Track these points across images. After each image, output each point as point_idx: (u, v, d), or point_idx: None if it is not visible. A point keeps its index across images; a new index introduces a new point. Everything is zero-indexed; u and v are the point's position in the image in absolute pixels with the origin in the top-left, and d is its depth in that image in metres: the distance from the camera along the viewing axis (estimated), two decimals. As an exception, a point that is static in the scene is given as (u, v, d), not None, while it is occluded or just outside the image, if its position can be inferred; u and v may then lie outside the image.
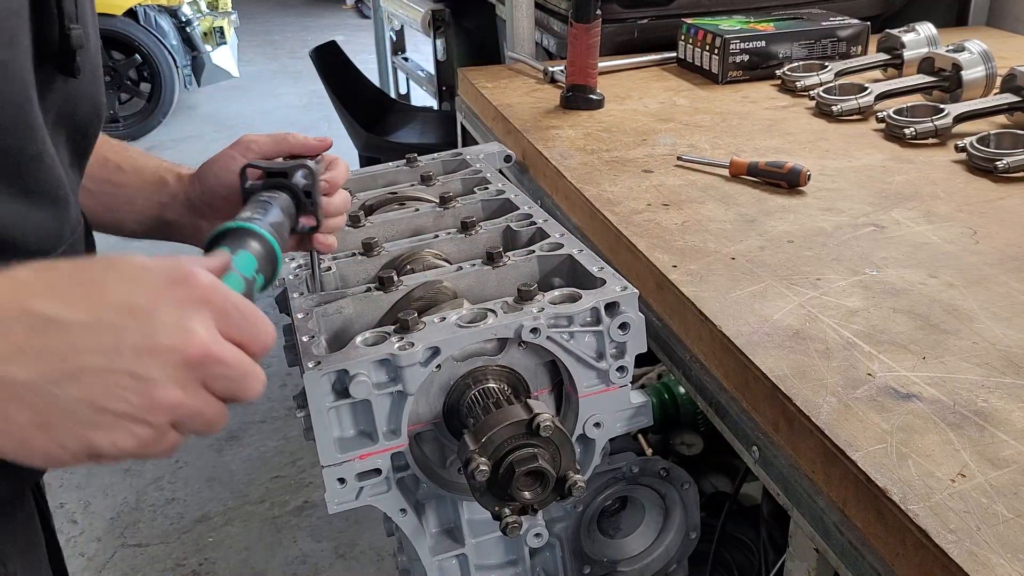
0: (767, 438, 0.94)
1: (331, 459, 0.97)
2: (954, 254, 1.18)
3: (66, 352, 0.54)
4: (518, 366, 1.04)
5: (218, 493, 2.84)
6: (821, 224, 1.28)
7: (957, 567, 0.67)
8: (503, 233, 1.23)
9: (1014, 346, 0.96)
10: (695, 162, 1.52)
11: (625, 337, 1.02)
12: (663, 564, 1.25)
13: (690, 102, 1.90)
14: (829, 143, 1.61)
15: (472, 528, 1.10)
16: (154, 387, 0.55)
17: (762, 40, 2.00)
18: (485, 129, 1.99)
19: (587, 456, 1.09)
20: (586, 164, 1.55)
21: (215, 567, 2.55)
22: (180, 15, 6.41)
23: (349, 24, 10.08)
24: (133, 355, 0.55)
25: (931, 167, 1.48)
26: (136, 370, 0.55)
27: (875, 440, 0.82)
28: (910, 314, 1.03)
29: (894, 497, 0.74)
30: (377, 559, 2.56)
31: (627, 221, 1.31)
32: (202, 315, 0.57)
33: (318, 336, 0.99)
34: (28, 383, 0.53)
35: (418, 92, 4.38)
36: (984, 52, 1.72)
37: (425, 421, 1.03)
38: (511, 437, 0.92)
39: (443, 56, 3.34)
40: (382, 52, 4.68)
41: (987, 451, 0.79)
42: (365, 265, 1.18)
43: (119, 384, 0.55)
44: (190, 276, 0.58)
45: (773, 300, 1.07)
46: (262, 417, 3.21)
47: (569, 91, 1.86)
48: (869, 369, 0.93)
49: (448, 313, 0.99)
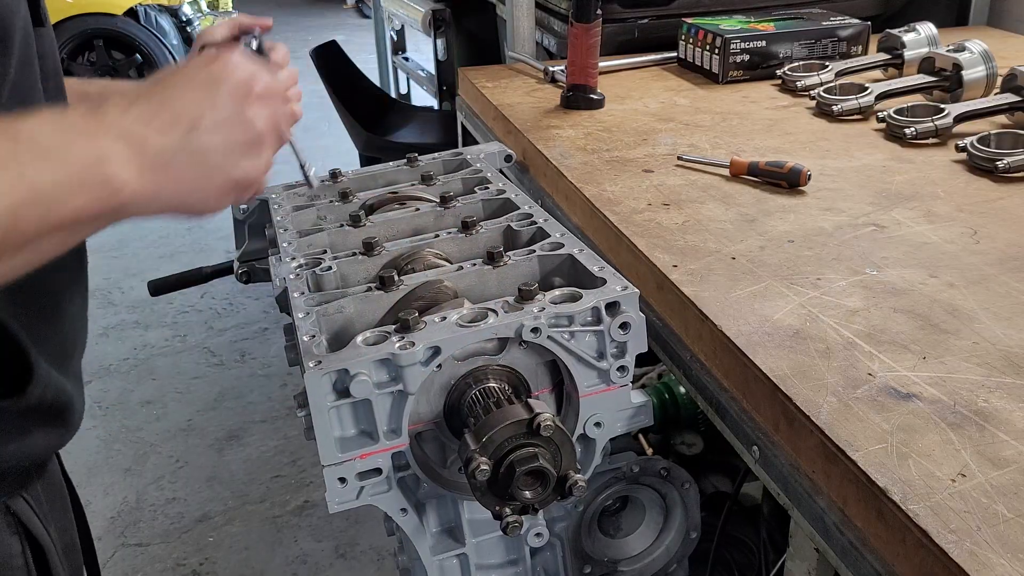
0: (767, 438, 0.94)
1: (332, 458, 0.97)
2: (954, 254, 1.18)
3: (189, 117, 0.71)
4: (519, 366, 1.04)
5: (218, 493, 2.84)
6: (821, 224, 1.28)
7: (957, 567, 0.67)
8: (503, 233, 1.23)
9: (1014, 346, 0.96)
10: (695, 162, 1.52)
11: (626, 337, 1.02)
12: (663, 564, 1.25)
13: (690, 102, 1.90)
14: (829, 143, 1.61)
15: (473, 527, 1.10)
16: (253, 120, 0.75)
17: (762, 40, 2.00)
18: (485, 129, 1.99)
19: (588, 456, 1.09)
20: (586, 164, 1.55)
21: (215, 567, 2.55)
22: (180, 15, 6.42)
23: (349, 24, 10.08)
24: (228, 102, 0.74)
25: (931, 167, 1.48)
26: (237, 112, 0.74)
27: (875, 440, 0.82)
28: (910, 314, 1.03)
29: (894, 497, 0.74)
30: (377, 559, 2.56)
31: (627, 221, 1.31)
32: (249, 65, 0.77)
33: (319, 336, 1.00)
34: (178, 145, 0.70)
35: (418, 92, 4.38)
36: (984, 52, 1.72)
37: (426, 420, 1.03)
38: (512, 437, 0.92)
39: (443, 56, 3.34)
40: (382, 52, 4.68)
41: (987, 451, 0.79)
42: (366, 265, 1.18)
43: (232, 125, 0.74)
44: (225, 51, 0.78)
45: (773, 300, 1.08)
46: (262, 417, 3.21)
47: (569, 91, 1.86)
48: (869, 369, 0.93)
49: (449, 313, 0.99)
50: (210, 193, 0.74)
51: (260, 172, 0.77)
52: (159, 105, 0.71)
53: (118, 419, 3.23)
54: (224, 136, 0.73)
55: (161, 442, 3.09)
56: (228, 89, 0.74)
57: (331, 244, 1.25)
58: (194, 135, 0.71)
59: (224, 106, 0.74)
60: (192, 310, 3.95)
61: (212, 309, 3.97)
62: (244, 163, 0.75)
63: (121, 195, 0.67)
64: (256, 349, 3.66)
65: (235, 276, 1.53)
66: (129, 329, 3.82)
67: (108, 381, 3.47)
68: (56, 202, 0.64)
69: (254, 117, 0.75)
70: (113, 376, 3.51)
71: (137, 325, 3.85)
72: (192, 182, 0.72)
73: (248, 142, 0.75)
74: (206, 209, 0.74)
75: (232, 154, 0.74)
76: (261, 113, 0.76)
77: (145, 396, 3.37)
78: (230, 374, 3.50)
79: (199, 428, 3.16)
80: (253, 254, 1.53)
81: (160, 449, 3.06)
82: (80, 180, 0.65)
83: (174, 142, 0.70)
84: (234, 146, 0.74)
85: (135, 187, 0.67)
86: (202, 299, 4.02)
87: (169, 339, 3.76)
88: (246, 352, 3.64)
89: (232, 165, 0.74)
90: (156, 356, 3.64)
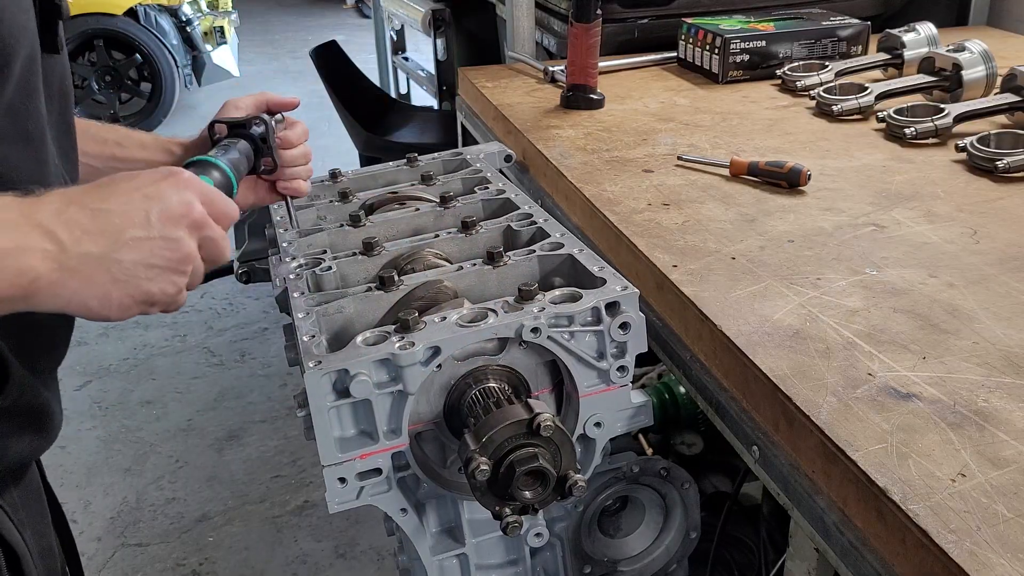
0: (767, 438, 0.94)
1: (332, 459, 0.97)
2: (954, 254, 1.18)
3: (116, 230, 0.74)
4: (519, 366, 1.04)
5: (218, 493, 2.84)
6: (821, 224, 1.28)
7: (957, 567, 0.67)
8: (503, 233, 1.23)
9: (1014, 346, 0.96)
10: (695, 162, 1.52)
11: (625, 337, 1.02)
12: (663, 564, 1.25)
13: (690, 102, 1.90)
14: (829, 143, 1.61)
15: (472, 527, 1.10)
16: (179, 243, 0.78)
17: (762, 40, 2.00)
18: (485, 129, 1.99)
19: (587, 456, 1.09)
20: (586, 164, 1.55)
21: (215, 567, 2.55)
22: (180, 14, 6.41)
23: (349, 24, 10.07)
24: (160, 223, 0.76)
25: (931, 167, 1.48)
26: (165, 233, 0.77)
27: (875, 440, 0.82)
28: (910, 314, 1.03)
29: (894, 497, 0.74)
30: (377, 559, 2.55)
31: (627, 221, 1.31)
32: (192, 193, 0.80)
33: (319, 336, 1.00)
34: (100, 255, 0.73)
35: (418, 92, 4.38)
36: (984, 52, 1.72)
37: (426, 421, 1.03)
38: (512, 437, 0.92)
39: (443, 56, 3.34)
40: (382, 52, 4.68)
41: (987, 451, 0.79)
42: (366, 265, 1.18)
43: (157, 245, 0.76)
44: (176, 172, 0.81)
45: (773, 300, 1.08)
46: (262, 417, 3.21)
47: (569, 91, 1.86)
48: (869, 369, 0.93)
49: (449, 313, 0.99)
50: (113, 303, 0.75)
51: (172, 294, 0.79)
52: (93, 214, 0.74)
53: (118, 419, 3.23)
54: (144, 254, 0.76)
55: (161, 442, 3.09)
56: (161, 209, 0.77)
57: (331, 244, 1.25)
58: (115, 248, 0.74)
59: (152, 226, 0.76)
60: (192, 310, 3.95)
61: (212, 309, 3.97)
62: (159, 281, 0.77)
63: (33, 286, 0.70)
64: (256, 349, 3.66)
65: (235, 276, 1.53)
66: (129, 329, 3.82)
67: (108, 381, 3.47)
68: None
69: (179, 241, 0.78)
70: (113, 376, 3.51)
71: (137, 325, 3.85)
72: (100, 287, 0.74)
73: (167, 264, 0.77)
74: (108, 316, 0.76)
75: (149, 271, 0.76)
76: (187, 239, 0.79)
77: (145, 396, 3.37)
78: (230, 374, 3.50)
79: (199, 428, 3.16)
80: (253, 254, 1.53)
81: (160, 449, 3.06)
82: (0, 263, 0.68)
83: (95, 251, 0.73)
84: (151, 265, 0.76)
85: (46, 282, 0.71)
86: (202, 299, 4.02)
87: (169, 339, 3.76)
88: (246, 352, 3.64)
89: (146, 281, 0.76)
90: (156, 356, 3.64)
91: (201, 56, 6.52)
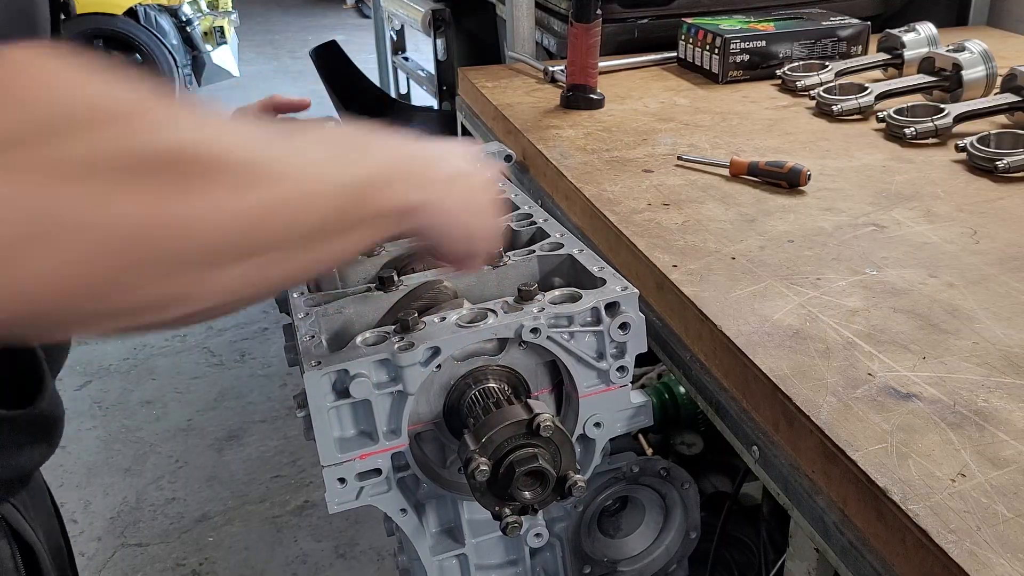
0: (767, 438, 0.94)
1: (331, 459, 0.97)
2: (954, 254, 1.18)
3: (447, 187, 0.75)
4: (518, 366, 1.04)
5: (218, 493, 2.84)
6: (821, 224, 1.28)
7: (957, 567, 0.67)
8: (503, 233, 1.23)
9: (1014, 346, 0.96)
10: (695, 162, 1.52)
11: (625, 337, 1.02)
12: (663, 564, 1.25)
13: (690, 102, 1.90)
14: (829, 143, 1.61)
15: (472, 528, 1.10)
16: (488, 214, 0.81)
17: (762, 40, 2.00)
18: (485, 129, 1.99)
19: (587, 456, 1.09)
20: (586, 164, 1.55)
21: (215, 567, 2.55)
22: (180, 14, 6.42)
23: (349, 24, 10.08)
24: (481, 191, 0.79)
25: (931, 167, 1.48)
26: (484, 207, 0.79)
27: (875, 440, 0.82)
28: (910, 314, 1.03)
29: (894, 497, 0.74)
30: (377, 559, 2.56)
31: (627, 221, 1.31)
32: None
33: (318, 336, 0.99)
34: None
35: (418, 92, 4.38)
36: (984, 52, 1.72)
37: (425, 421, 1.03)
38: (511, 437, 0.92)
39: (443, 56, 3.34)
40: (382, 52, 4.68)
41: (987, 451, 0.79)
42: (365, 265, 1.18)
43: (482, 208, 0.79)
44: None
45: (773, 300, 1.07)
46: (262, 417, 3.21)
47: (569, 91, 1.86)
48: (869, 369, 0.93)
49: (448, 313, 0.99)
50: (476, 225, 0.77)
51: (490, 242, 0.83)
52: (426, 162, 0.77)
53: (118, 419, 3.23)
54: (479, 208, 0.78)
55: (161, 442, 3.09)
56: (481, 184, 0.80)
57: (331, 244, 1.25)
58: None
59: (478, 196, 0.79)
60: (192, 310, 3.95)
61: (212, 309, 3.97)
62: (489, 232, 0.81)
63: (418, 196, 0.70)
64: (256, 349, 3.66)
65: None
66: (129, 329, 3.82)
67: (108, 381, 3.47)
68: (387, 188, 0.65)
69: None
70: (113, 376, 3.51)
71: (137, 325, 3.85)
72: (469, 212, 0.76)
73: (486, 230, 0.81)
74: (485, 232, 0.79)
75: (480, 215, 0.79)
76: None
77: (145, 396, 3.37)
78: (230, 374, 3.50)
79: (199, 428, 3.16)
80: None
81: (160, 449, 3.06)
82: (399, 171, 0.68)
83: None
84: (485, 211, 0.80)
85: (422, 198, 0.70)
86: (202, 299, 4.02)
87: (169, 339, 3.76)
88: (246, 352, 3.65)
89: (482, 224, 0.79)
90: (156, 356, 3.65)
91: (201, 56, 6.53)
